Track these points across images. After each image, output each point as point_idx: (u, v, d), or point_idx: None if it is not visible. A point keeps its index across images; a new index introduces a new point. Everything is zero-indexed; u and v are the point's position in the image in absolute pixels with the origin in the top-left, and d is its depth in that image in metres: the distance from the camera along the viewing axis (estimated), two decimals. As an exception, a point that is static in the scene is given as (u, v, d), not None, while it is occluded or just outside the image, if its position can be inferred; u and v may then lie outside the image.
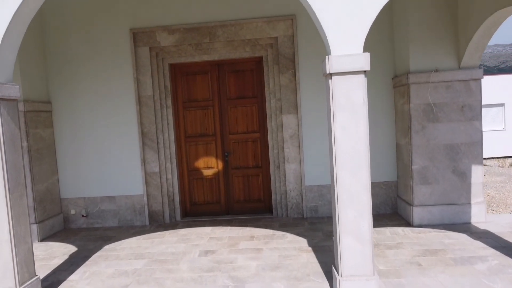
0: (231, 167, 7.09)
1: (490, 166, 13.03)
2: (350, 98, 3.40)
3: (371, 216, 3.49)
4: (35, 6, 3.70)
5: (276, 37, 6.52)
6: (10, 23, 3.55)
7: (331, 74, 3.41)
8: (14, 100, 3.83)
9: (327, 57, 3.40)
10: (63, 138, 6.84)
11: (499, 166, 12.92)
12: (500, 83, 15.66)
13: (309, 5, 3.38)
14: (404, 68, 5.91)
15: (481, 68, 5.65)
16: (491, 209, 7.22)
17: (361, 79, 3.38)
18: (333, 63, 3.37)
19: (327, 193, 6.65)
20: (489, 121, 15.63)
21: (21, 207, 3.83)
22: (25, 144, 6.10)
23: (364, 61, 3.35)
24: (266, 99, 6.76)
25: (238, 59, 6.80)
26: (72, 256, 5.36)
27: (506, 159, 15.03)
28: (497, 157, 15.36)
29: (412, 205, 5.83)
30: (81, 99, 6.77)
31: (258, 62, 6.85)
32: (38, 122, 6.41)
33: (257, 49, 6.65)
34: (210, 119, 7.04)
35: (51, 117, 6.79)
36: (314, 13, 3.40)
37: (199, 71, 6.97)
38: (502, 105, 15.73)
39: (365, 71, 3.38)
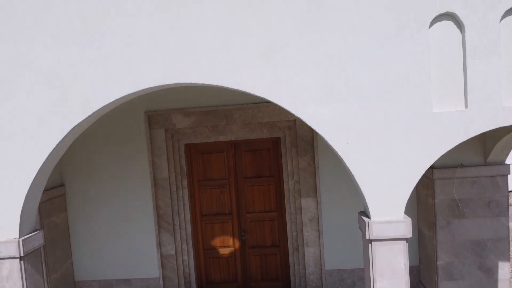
0: (248, 246, 6.95)
1: None
2: (391, 264, 3.27)
3: None
4: (53, 162, 3.57)
5: (294, 120, 6.38)
6: (33, 181, 3.41)
7: (371, 240, 3.28)
8: (38, 249, 3.70)
9: (366, 221, 3.27)
10: (77, 220, 6.71)
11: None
12: None
13: (353, 176, 3.25)
14: (428, 161, 5.77)
15: (508, 164, 5.51)
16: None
17: (403, 246, 3.25)
18: (373, 230, 3.23)
19: (347, 277, 6.52)
20: None
21: None
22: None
23: (405, 229, 3.21)
24: (284, 180, 6.62)
25: (254, 139, 6.66)
26: None
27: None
28: None
29: (438, 302, 5.70)
30: (95, 181, 6.62)
31: (275, 142, 6.71)
32: (52, 210, 6.27)
33: (274, 131, 6.51)
34: (227, 197, 6.90)
35: (64, 200, 6.65)
36: (354, 179, 3.27)
37: (215, 150, 6.83)
38: None
39: (406, 238, 3.25)
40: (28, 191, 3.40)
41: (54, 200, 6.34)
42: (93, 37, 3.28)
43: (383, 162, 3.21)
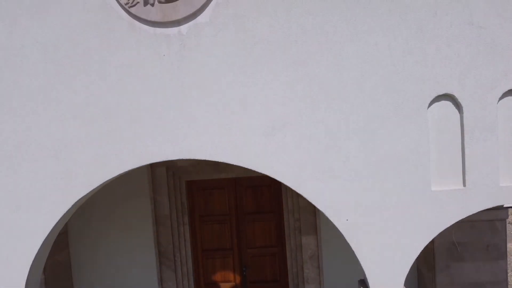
0: (249, 281, 6.99)
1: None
2: (390, 336, 3.31)
3: None
4: (57, 232, 3.63)
5: (295, 159, 6.42)
6: (37, 252, 3.47)
7: (371, 313, 3.33)
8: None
9: (367, 294, 3.32)
10: (79, 257, 6.75)
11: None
12: None
13: (353, 250, 3.30)
14: (428, 204, 5.82)
15: (506, 208, 5.56)
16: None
17: (402, 319, 3.30)
18: (373, 304, 3.28)
19: (347, 314, 6.57)
20: None
21: None
22: (42, 277, 6.00)
23: (405, 303, 3.26)
24: (284, 218, 6.68)
25: (255, 176, 6.70)
26: None
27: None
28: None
29: None
30: (97, 219, 6.66)
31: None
32: (55, 249, 6.30)
33: (275, 169, 6.55)
34: (228, 233, 6.94)
35: (66, 237, 6.69)
36: (355, 253, 3.32)
37: (216, 187, 6.88)
38: None
39: (405, 311, 3.30)
40: (32, 262, 3.45)
41: (56, 239, 6.38)
42: (96, 113, 3.32)
43: (383, 238, 3.26)
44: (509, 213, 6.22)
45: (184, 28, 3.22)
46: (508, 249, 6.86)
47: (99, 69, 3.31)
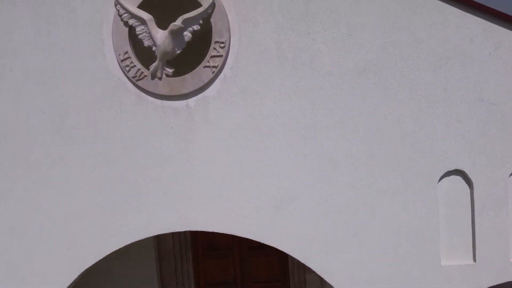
0: (253, 315, 6.97)
1: None
2: None
3: None
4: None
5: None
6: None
7: None
8: None
9: None
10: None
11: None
12: None
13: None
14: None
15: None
16: None
17: None
18: None
19: None
20: None
21: None
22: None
23: None
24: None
25: (259, 211, 6.68)
26: None
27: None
28: None
29: None
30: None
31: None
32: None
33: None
34: (231, 267, 6.91)
35: (69, 273, 6.66)
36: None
37: (220, 221, 6.84)
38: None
39: None
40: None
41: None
42: (104, 183, 3.30)
43: (392, 312, 3.24)
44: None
45: (191, 101, 3.20)
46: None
47: (106, 139, 3.29)
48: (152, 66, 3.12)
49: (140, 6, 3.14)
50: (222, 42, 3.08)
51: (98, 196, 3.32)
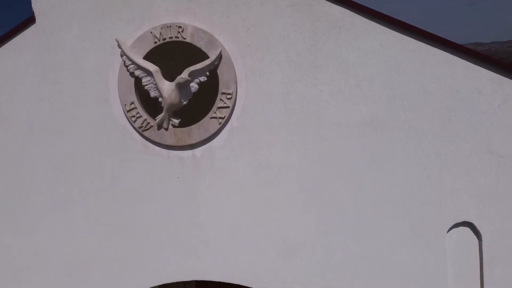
0: None
1: None
2: None
3: None
4: None
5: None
6: None
7: None
8: None
9: None
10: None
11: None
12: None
13: None
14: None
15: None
16: None
17: None
18: None
19: None
20: None
21: None
22: None
23: None
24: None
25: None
26: None
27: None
28: None
29: None
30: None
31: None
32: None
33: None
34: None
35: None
36: None
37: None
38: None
39: None
40: None
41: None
42: (109, 232, 3.28)
43: None
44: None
45: (198, 151, 3.18)
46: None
47: (112, 187, 3.27)
48: (159, 117, 3.10)
49: (147, 55, 3.13)
50: (229, 94, 3.06)
51: (103, 244, 3.31)
